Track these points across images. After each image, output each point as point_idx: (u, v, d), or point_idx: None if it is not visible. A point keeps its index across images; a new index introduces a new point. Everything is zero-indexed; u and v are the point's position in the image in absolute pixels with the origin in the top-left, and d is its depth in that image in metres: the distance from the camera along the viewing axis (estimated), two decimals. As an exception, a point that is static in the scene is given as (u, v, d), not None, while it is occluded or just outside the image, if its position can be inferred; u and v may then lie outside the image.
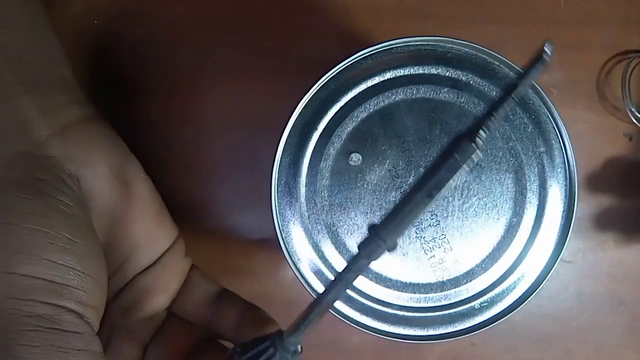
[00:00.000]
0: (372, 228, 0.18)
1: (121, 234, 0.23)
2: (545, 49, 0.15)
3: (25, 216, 0.18)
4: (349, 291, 0.23)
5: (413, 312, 0.23)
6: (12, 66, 0.21)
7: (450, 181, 0.16)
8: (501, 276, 0.23)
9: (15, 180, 0.19)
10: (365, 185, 0.23)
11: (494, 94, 0.23)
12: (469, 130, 0.15)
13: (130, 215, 0.23)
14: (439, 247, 0.23)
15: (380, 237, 0.18)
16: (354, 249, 0.23)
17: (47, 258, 0.18)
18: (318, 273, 0.23)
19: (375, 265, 0.23)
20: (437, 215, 0.23)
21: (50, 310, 0.18)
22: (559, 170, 0.23)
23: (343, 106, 0.23)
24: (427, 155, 0.23)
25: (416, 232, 0.23)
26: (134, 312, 0.24)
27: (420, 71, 0.23)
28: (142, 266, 0.25)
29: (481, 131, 0.15)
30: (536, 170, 0.23)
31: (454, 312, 0.23)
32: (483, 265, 0.23)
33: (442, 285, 0.23)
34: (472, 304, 0.23)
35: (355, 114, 0.23)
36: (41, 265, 0.18)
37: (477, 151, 0.15)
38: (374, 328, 0.23)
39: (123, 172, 0.23)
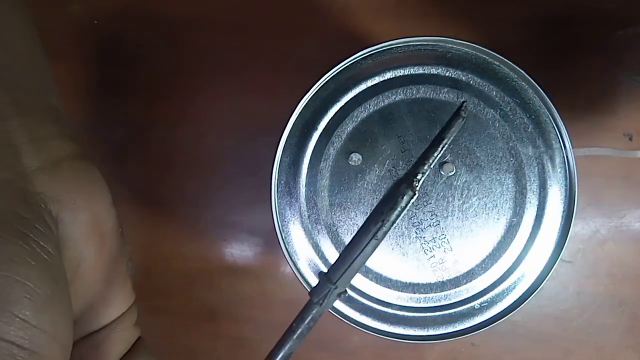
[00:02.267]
0: (322, 274, 0.18)
1: (80, 293, 0.20)
2: (462, 109, 0.18)
3: (5, 262, 0.16)
4: (349, 291, 0.23)
5: (413, 312, 0.23)
6: (6, 86, 0.19)
7: (394, 222, 0.18)
8: (501, 276, 0.23)
9: None
10: (365, 185, 0.23)
11: (494, 93, 0.23)
12: (406, 176, 0.18)
13: (97, 273, 0.21)
14: (439, 247, 0.23)
15: (331, 282, 0.18)
16: (354, 249, 0.23)
17: (21, 317, 0.16)
18: (318, 273, 0.23)
19: (375, 265, 0.23)
20: (437, 215, 0.23)
21: None
22: (559, 170, 0.23)
23: (343, 106, 0.23)
24: (427, 155, 0.23)
25: (416, 232, 0.23)
26: None
27: (420, 71, 0.23)
28: (87, 332, 0.22)
29: (417, 176, 0.18)
30: (536, 170, 0.23)
31: (454, 312, 0.23)
32: (483, 265, 0.23)
33: (442, 285, 0.23)
34: (472, 304, 0.23)
35: (355, 114, 0.23)
36: (13, 324, 0.15)
37: (415, 194, 0.18)
38: (374, 328, 0.23)
39: (103, 223, 0.21)
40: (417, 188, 0.17)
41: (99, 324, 0.22)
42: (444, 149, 0.17)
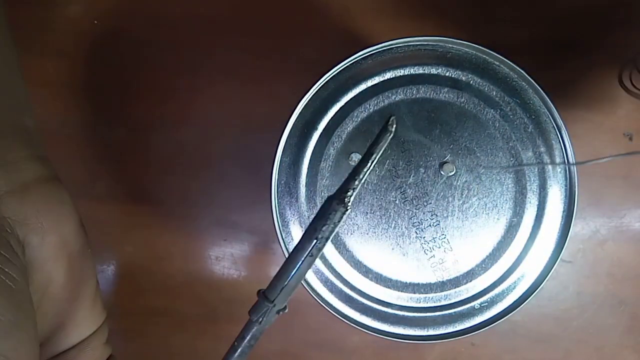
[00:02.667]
0: (260, 293, 0.18)
1: (49, 314, 0.21)
2: (389, 124, 0.18)
3: None
4: (349, 291, 0.23)
5: (413, 312, 0.23)
6: None
7: (328, 239, 0.18)
8: (501, 276, 0.23)
9: None
10: (365, 185, 0.23)
11: (494, 93, 0.23)
12: (337, 192, 0.18)
13: (65, 293, 0.21)
14: (439, 247, 0.23)
15: (268, 300, 0.18)
16: (354, 249, 0.23)
17: None
18: (317, 273, 0.23)
19: (375, 265, 0.23)
20: (437, 215, 0.23)
21: None
22: (559, 170, 0.23)
23: (343, 106, 0.23)
24: (427, 155, 0.23)
25: (416, 232, 0.23)
26: None
27: (420, 71, 0.23)
28: (56, 352, 0.22)
29: (348, 192, 0.18)
30: (536, 170, 0.23)
31: (454, 312, 0.23)
32: (483, 265, 0.23)
33: (442, 285, 0.23)
34: (472, 304, 0.23)
35: (355, 114, 0.23)
36: None
37: (347, 209, 0.18)
38: (374, 328, 0.23)
39: (71, 244, 0.21)
40: (349, 204, 0.17)
41: (69, 343, 0.22)
42: (374, 163, 0.17)
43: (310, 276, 0.23)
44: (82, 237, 0.22)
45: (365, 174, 0.17)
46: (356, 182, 0.17)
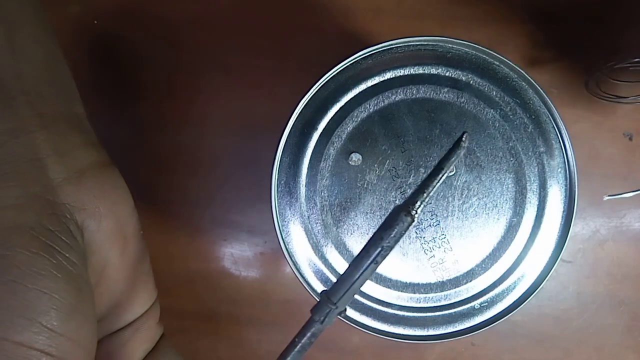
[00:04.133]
0: (323, 293, 0.19)
1: (105, 294, 0.22)
2: (463, 140, 0.18)
3: (34, 276, 0.17)
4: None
5: (413, 312, 0.23)
6: (29, 98, 0.20)
7: (392, 247, 0.18)
8: (501, 276, 0.23)
9: (26, 228, 0.18)
10: (365, 185, 0.23)
11: (494, 93, 0.23)
12: (405, 204, 0.18)
13: (121, 274, 0.22)
14: (439, 247, 0.23)
15: (331, 302, 0.19)
16: (354, 249, 0.23)
17: (48, 326, 0.17)
18: (318, 273, 0.23)
19: (375, 265, 0.23)
20: (437, 215, 0.23)
21: None
22: (559, 170, 0.23)
23: (343, 106, 0.23)
24: (427, 155, 0.23)
25: (416, 232, 0.23)
26: None
27: (420, 71, 0.23)
28: (113, 329, 0.23)
29: (416, 204, 0.18)
30: (536, 170, 0.23)
31: (454, 312, 0.23)
32: (483, 265, 0.23)
33: (442, 285, 0.23)
34: (472, 304, 0.23)
35: (355, 114, 0.23)
36: (42, 333, 0.17)
37: (414, 221, 0.18)
38: (374, 328, 0.23)
39: (126, 228, 0.22)
40: (416, 216, 0.18)
41: (125, 321, 0.23)
42: (443, 178, 0.18)
43: (310, 276, 0.23)
44: (136, 221, 0.23)
45: (434, 187, 0.18)
46: (424, 195, 0.18)
